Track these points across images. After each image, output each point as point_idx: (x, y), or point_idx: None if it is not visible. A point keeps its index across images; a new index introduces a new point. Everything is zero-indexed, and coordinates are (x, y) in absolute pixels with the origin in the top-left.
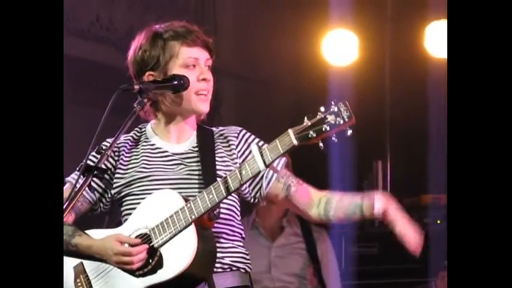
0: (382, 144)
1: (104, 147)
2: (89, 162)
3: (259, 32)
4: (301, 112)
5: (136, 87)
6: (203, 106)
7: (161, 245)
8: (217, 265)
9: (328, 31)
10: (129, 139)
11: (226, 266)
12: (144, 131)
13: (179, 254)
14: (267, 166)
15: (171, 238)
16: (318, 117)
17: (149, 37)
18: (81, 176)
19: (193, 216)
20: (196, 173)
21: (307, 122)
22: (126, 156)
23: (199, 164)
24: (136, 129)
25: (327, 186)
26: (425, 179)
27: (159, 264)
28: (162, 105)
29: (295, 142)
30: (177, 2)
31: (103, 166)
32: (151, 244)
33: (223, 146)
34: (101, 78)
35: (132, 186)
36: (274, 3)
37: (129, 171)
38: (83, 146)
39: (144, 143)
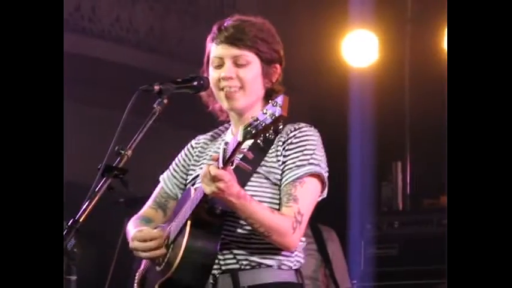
0: (401, 145)
1: (122, 149)
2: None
3: (279, 33)
4: (321, 114)
5: (156, 87)
6: (231, 102)
7: (172, 241)
8: (245, 262)
9: (348, 32)
10: (211, 135)
11: (254, 263)
12: (227, 128)
13: (175, 252)
14: (225, 164)
15: (177, 234)
16: (261, 112)
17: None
18: (102, 177)
19: (189, 213)
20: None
21: (253, 118)
22: (201, 153)
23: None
24: (225, 125)
25: (346, 188)
26: (445, 180)
27: (167, 261)
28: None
29: (239, 139)
30: (198, 3)
31: (178, 165)
32: (169, 240)
33: (278, 143)
34: (120, 79)
35: (195, 183)
36: (294, 5)
37: (197, 168)
38: (106, 146)
39: (220, 139)
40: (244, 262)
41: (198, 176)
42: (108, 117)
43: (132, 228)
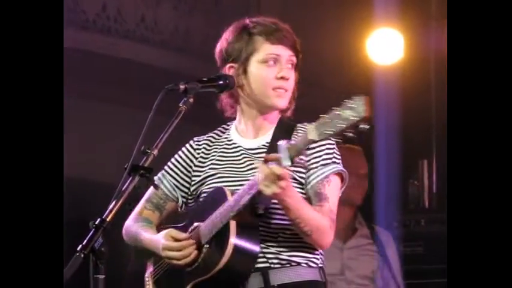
0: (428, 143)
1: (148, 148)
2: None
3: (304, 31)
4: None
5: (182, 87)
6: (280, 102)
7: (207, 242)
8: (275, 261)
9: (373, 30)
10: (212, 136)
11: (284, 262)
12: (230, 127)
13: (217, 252)
14: (292, 163)
15: (215, 235)
16: (336, 112)
17: (236, 30)
18: (128, 176)
19: (231, 214)
20: None
21: (325, 118)
22: (206, 154)
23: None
24: (223, 126)
25: (372, 186)
26: None
27: (204, 261)
28: (241, 99)
29: (312, 138)
30: (223, 3)
31: (178, 167)
32: (200, 241)
33: None
34: (145, 79)
35: (204, 184)
36: (319, 4)
37: (205, 168)
38: (133, 145)
39: (225, 139)
40: (274, 260)
41: (208, 176)
42: (135, 117)
43: (143, 231)
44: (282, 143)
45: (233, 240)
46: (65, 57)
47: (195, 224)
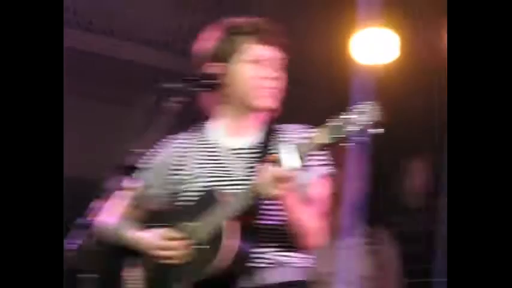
0: (424, 142)
1: (137, 147)
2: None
3: (294, 31)
4: (337, 112)
5: (177, 85)
6: (266, 102)
7: (201, 242)
8: (264, 261)
9: (360, 30)
10: (187, 135)
11: (273, 262)
12: (208, 126)
13: (212, 252)
14: (297, 165)
15: (209, 236)
16: (349, 116)
17: (220, 30)
18: (117, 176)
19: (228, 215)
20: (248, 170)
21: (337, 121)
22: (183, 152)
23: (251, 160)
24: (196, 125)
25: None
26: None
27: (197, 262)
28: (225, 99)
29: (323, 141)
30: (225, 2)
31: (156, 165)
32: (193, 242)
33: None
34: (148, 79)
35: (185, 183)
36: (309, 4)
37: (184, 167)
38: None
39: (202, 139)
40: (266, 260)
41: (189, 175)
42: (136, 117)
43: (127, 230)
44: (289, 145)
45: (229, 241)
46: (68, 57)
47: (186, 224)
